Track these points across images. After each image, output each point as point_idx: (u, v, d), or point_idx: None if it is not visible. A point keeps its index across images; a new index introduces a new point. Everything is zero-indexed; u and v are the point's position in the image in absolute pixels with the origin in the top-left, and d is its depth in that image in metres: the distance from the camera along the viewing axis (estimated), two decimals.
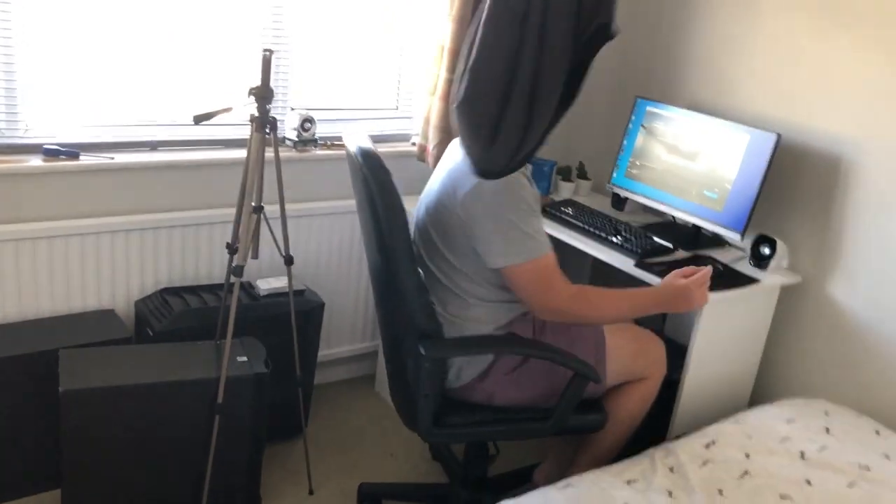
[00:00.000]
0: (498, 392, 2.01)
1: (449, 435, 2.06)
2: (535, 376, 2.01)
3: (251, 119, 2.06)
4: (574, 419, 2.03)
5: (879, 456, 2.05)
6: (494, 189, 1.82)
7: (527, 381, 2.01)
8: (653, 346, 2.22)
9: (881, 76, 2.29)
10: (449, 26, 2.61)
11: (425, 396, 1.92)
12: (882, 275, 2.35)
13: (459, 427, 2.01)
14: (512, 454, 2.58)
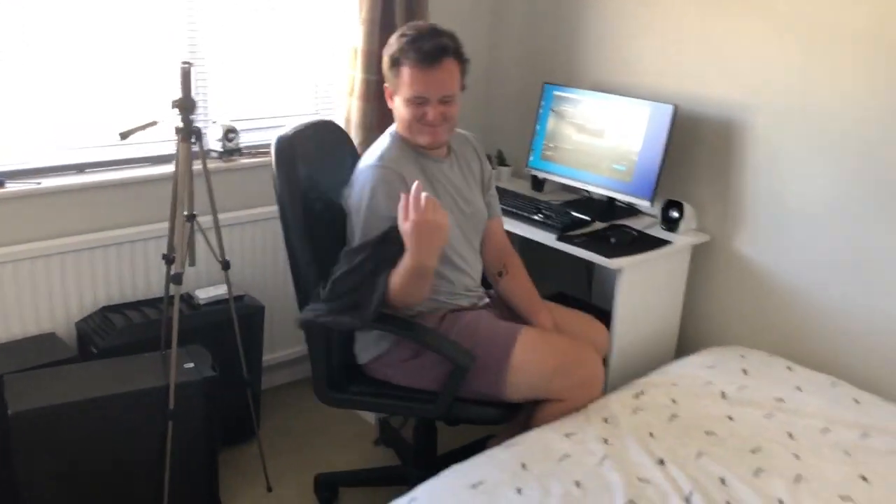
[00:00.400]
0: (392, 375, 2.14)
1: (342, 400, 2.19)
2: (428, 368, 2.08)
3: (176, 131, 2.12)
4: (473, 410, 2.08)
5: (792, 389, 2.24)
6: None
7: (419, 371, 2.10)
8: (583, 368, 2.10)
9: (763, 44, 2.49)
10: (360, 28, 2.72)
11: (314, 360, 2.14)
12: (778, 226, 2.56)
13: (355, 395, 2.17)
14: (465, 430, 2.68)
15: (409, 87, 2.01)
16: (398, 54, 2.02)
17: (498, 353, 2.03)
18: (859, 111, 2.31)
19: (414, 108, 2.03)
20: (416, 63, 1.99)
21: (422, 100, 2.02)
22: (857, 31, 2.28)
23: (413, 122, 2.05)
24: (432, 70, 2.00)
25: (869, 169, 2.32)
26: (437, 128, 2.06)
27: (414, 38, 2.00)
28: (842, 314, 2.46)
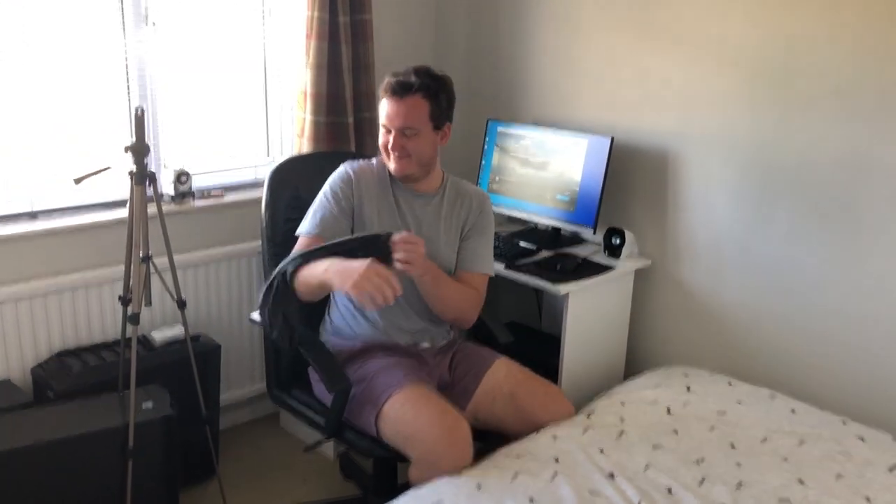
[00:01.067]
0: (314, 386, 2.31)
1: (280, 399, 2.42)
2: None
3: (130, 175, 2.17)
4: (363, 442, 2.12)
5: (733, 402, 2.34)
6: None
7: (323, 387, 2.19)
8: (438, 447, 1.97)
9: (690, 77, 2.65)
10: (308, 73, 2.81)
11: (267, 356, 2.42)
12: (713, 248, 2.69)
13: (291, 398, 2.37)
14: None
15: (381, 114, 2.21)
16: (384, 84, 2.21)
17: (374, 398, 2.07)
18: (779, 137, 2.47)
19: (384, 136, 2.21)
20: (386, 92, 2.18)
21: (386, 128, 2.19)
22: (773, 62, 2.44)
23: (382, 148, 2.22)
24: (396, 102, 2.16)
25: (791, 190, 2.47)
26: (401, 159, 2.18)
27: (396, 73, 2.19)
28: (777, 329, 2.58)
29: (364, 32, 2.90)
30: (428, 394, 2.06)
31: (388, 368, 2.14)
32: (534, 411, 2.20)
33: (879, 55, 2.23)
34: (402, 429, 2.02)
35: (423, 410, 2.00)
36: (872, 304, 2.36)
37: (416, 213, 2.27)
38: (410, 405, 2.02)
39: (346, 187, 2.22)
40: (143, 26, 2.64)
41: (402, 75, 2.17)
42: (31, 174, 2.53)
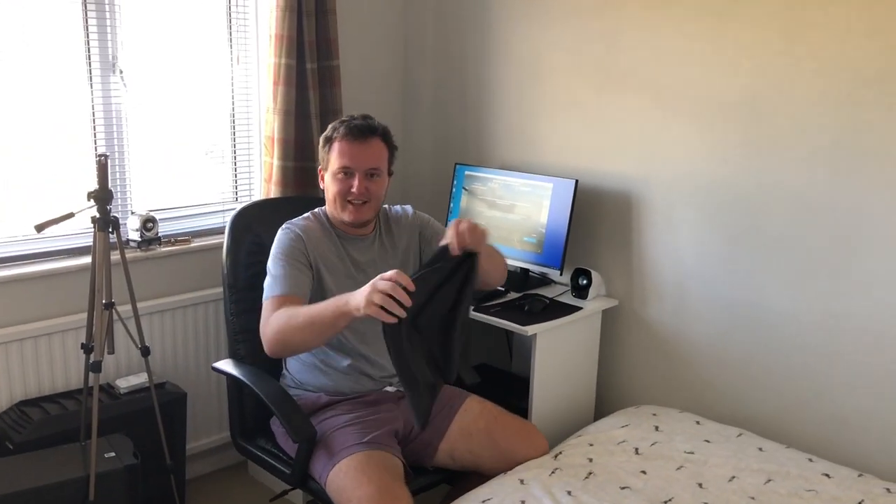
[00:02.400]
0: (278, 434, 2.29)
1: (244, 448, 2.37)
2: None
3: (93, 221, 2.17)
4: (317, 485, 2.09)
5: (701, 441, 2.35)
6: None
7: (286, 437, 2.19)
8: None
9: (651, 120, 2.70)
10: (275, 119, 2.83)
11: (230, 405, 2.41)
12: (679, 288, 2.72)
13: (255, 448, 2.32)
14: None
15: (337, 159, 2.18)
16: (331, 133, 2.22)
17: (328, 456, 2.06)
18: (739, 175, 2.52)
19: (340, 182, 2.18)
20: (346, 136, 2.18)
21: (348, 171, 2.17)
22: (733, 104, 2.50)
23: (338, 197, 2.19)
24: (360, 144, 2.18)
25: (753, 230, 2.51)
26: (361, 205, 2.19)
27: (347, 120, 2.22)
28: (743, 367, 2.60)
29: (332, 78, 2.94)
30: (376, 464, 2.00)
31: (348, 427, 2.12)
32: (510, 447, 2.21)
33: (835, 98, 2.30)
34: (343, 496, 1.97)
35: (364, 483, 1.94)
36: (836, 340, 2.39)
37: (366, 257, 2.28)
38: (354, 475, 1.97)
39: (299, 245, 2.17)
40: (110, 73, 2.65)
41: (359, 119, 2.20)
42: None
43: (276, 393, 2.18)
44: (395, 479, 2.00)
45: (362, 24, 3.26)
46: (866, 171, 2.27)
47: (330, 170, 2.21)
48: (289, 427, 2.07)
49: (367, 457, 2.02)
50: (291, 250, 2.16)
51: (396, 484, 1.98)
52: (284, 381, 2.35)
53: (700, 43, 2.55)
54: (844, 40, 2.25)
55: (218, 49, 2.95)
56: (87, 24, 2.58)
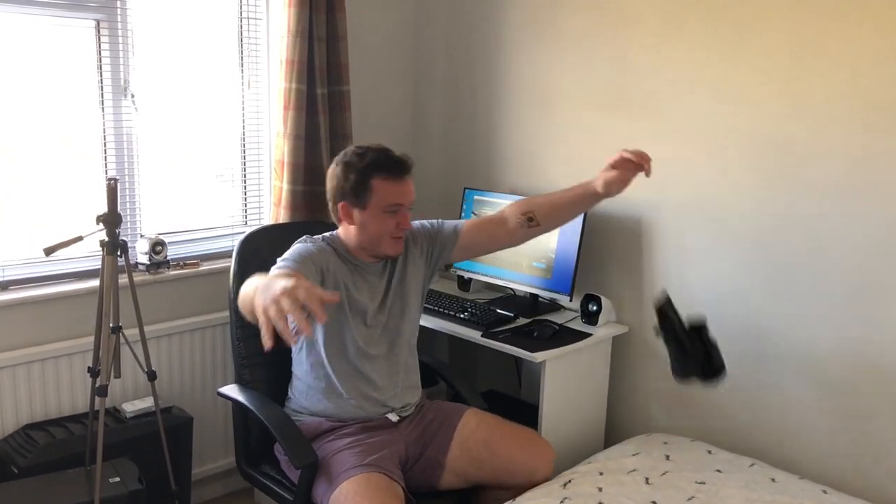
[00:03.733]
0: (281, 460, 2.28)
1: (249, 475, 2.37)
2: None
3: (101, 244, 2.17)
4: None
5: (712, 471, 2.31)
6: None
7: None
8: None
9: (661, 145, 2.68)
10: (285, 143, 2.84)
11: (236, 431, 2.40)
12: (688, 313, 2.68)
13: (260, 475, 2.31)
14: None
15: (384, 197, 2.16)
16: (364, 169, 2.15)
17: (330, 479, 2.05)
18: (749, 202, 2.50)
19: (387, 220, 2.17)
20: (389, 174, 2.16)
21: (396, 208, 2.17)
22: (743, 131, 2.49)
23: (384, 234, 2.18)
24: (403, 180, 2.19)
25: (764, 257, 2.49)
26: (401, 237, 2.22)
27: (378, 153, 2.19)
28: (756, 396, 2.57)
29: (342, 104, 2.94)
30: (375, 487, 1.99)
31: (347, 450, 2.11)
32: (511, 454, 2.21)
33: (846, 126, 2.28)
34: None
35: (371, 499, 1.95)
36: (850, 370, 2.36)
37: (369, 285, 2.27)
38: (353, 499, 1.97)
39: (310, 252, 2.14)
40: (122, 98, 2.67)
41: (390, 153, 2.20)
42: (2, 244, 2.52)
43: (280, 419, 2.17)
44: (393, 500, 1.98)
45: (373, 49, 3.28)
46: (879, 200, 2.24)
47: (373, 208, 2.16)
48: (291, 453, 2.06)
49: (366, 479, 2.01)
50: (301, 254, 2.12)
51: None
52: (289, 404, 2.33)
53: (710, 69, 2.55)
54: (856, 67, 2.24)
55: (229, 74, 2.96)
56: (99, 48, 2.60)
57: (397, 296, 2.30)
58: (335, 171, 2.21)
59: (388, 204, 2.16)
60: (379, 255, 2.25)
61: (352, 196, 2.17)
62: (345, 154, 2.22)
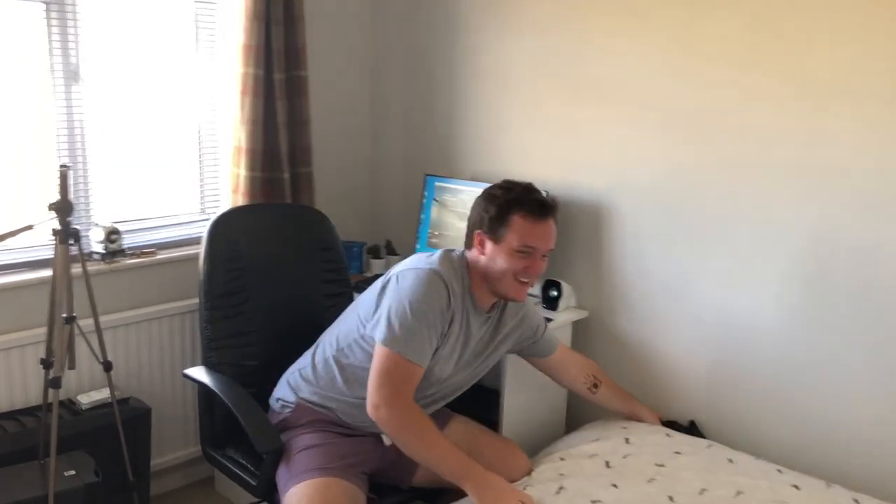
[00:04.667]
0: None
1: (212, 458, 2.34)
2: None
3: (54, 233, 2.12)
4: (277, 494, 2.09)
5: (671, 454, 2.34)
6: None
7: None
8: None
9: (619, 132, 2.71)
10: (242, 129, 2.80)
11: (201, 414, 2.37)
12: (647, 298, 2.72)
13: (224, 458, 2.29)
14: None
15: (519, 237, 2.06)
16: (508, 205, 2.08)
17: (289, 474, 2.03)
18: (706, 187, 2.53)
19: (517, 260, 2.07)
20: (530, 214, 2.07)
21: (529, 251, 2.07)
22: (699, 116, 2.51)
23: (510, 274, 2.08)
24: (544, 223, 2.09)
25: (719, 242, 2.52)
26: (527, 284, 2.12)
27: (525, 191, 2.11)
28: (711, 379, 2.61)
29: (300, 88, 2.91)
30: (330, 497, 1.96)
31: (314, 448, 2.07)
32: (491, 466, 2.16)
33: (798, 110, 2.31)
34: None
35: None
36: (802, 350, 2.40)
37: (478, 333, 2.21)
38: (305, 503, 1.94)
39: (443, 303, 2.04)
40: (73, 83, 2.60)
41: (536, 193, 2.12)
42: None
43: (244, 401, 2.14)
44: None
45: (331, 33, 3.24)
46: (831, 184, 2.28)
47: (507, 245, 2.07)
48: (254, 438, 2.04)
49: (324, 485, 1.97)
50: (435, 310, 2.03)
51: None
52: (300, 387, 2.22)
53: (667, 56, 2.56)
54: (808, 52, 2.27)
55: (184, 58, 2.91)
56: (49, 33, 2.53)
57: (490, 345, 2.26)
58: (479, 200, 2.17)
59: (524, 244, 2.06)
60: (499, 294, 2.15)
61: (489, 228, 2.10)
62: (493, 186, 2.17)
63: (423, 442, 1.97)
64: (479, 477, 1.96)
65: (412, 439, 1.98)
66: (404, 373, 1.99)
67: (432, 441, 1.98)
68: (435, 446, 1.98)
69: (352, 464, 2.08)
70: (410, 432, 1.98)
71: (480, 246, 2.14)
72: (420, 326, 2.01)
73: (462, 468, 1.96)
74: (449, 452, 1.97)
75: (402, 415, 1.97)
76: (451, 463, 1.96)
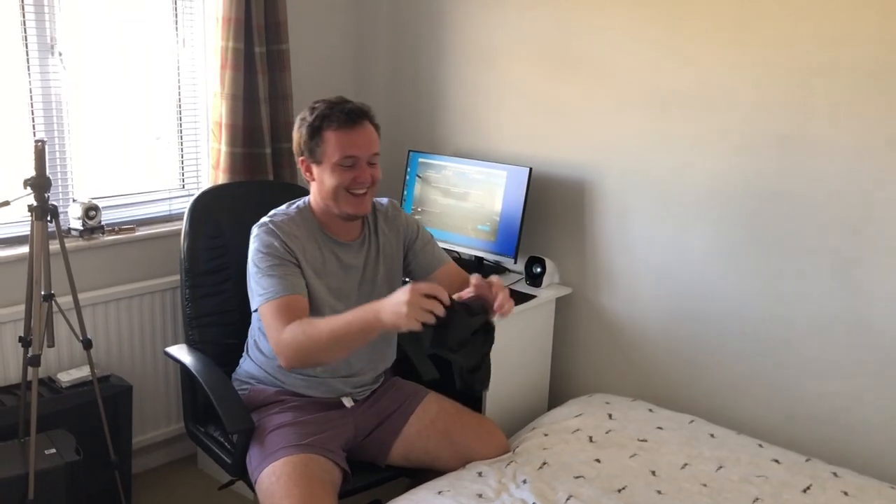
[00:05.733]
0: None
1: (194, 434, 2.34)
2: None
3: (30, 209, 2.08)
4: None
5: (653, 429, 2.36)
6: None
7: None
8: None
9: (605, 109, 2.69)
10: (223, 104, 2.76)
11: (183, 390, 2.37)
12: (630, 275, 2.73)
13: (205, 435, 2.29)
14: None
15: (337, 149, 2.01)
16: (317, 122, 2.03)
17: (262, 455, 2.00)
18: (691, 164, 2.53)
19: (343, 173, 2.02)
20: (342, 125, 2.01)
21: (352, 160, 2.02)
22: (684, 93, 2.51)
23: (340, 189, 2.03)
24: (358, 129, 2.03)
25: (703, 219, 2.53)
26: (363, 195, 2.06)
27: (331, 105, 2.04)
28: (694, 355, 2.62)
29: (281, 63, 2.87)
30: (308, 473, 1.92)
31: (288, 427, 2.05)
32: (468, 445, 2.18)
33: (784, 88, 2.31)
34: (270, 501, 1.91)
35: (294, 491, 1.87)
36: (783, 328, 2.42)
37: (354, 262, 2.16)
38: (284, 481, 1.90)
39: (280, 245, 2.01)
40: (49, 56, 2.54)
41: (345, 104, 2.05)
42: None
43: (218, 382, 2.13)
44: (325, 490, 1.92)
45: (313, 6, 3.19)
46: (813, 160, 2.29)
47: (328, 162, 2.02)
48: (225, 418, 2.02)
49: (301, 462, 1.94)
50: (275, 249, 2.01)
51: (326, 497, 1.91)
52: (245, 365, 2.24)
53: (652, 31, 2.55)
54: (795, 31, 2.27)
55: (163, 31, 2.85)
56: (23, 3, 2.47)
57: (379, 267, 2.20)
58: (295, 128, 2.11)
59: (344, 155, 2.01)
60: (342, 215, 2.09)
61: (308, 151, 2.06)
62: (304, 110, 2.12)
63: (317, 338, 1.85)
64: (381, 304, 1.78)
65: (308, 346, 1.86)
66: (277, 311, 1.93)
67: (321, 329, 1.85)
68: (328, 331, 1.84)
69: (325, 439, 2.05)
70: (302, 346, 1.87)
71: (308, 172, 2.10)
72: (268, 270, 1.98)
73: (365, 314, 1.79)
74: (344, 321, 1.83)
75: (289, 342, 1.88)
76: (354, 323, 1.81)
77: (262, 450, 2.01)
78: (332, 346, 1.85)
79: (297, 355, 1.89)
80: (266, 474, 1.94)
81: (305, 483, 1.90)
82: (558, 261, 2.87)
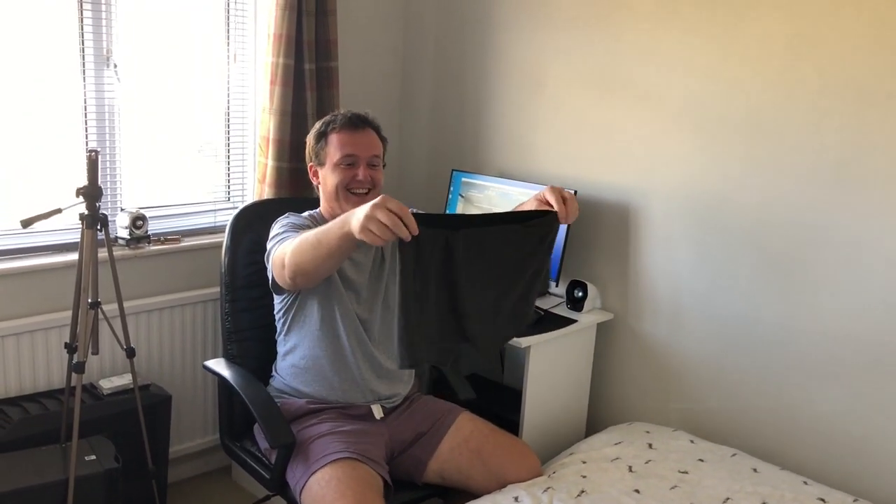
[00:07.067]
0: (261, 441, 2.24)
1: (230, 449, 2.35)
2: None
3: (81, 217, 2.11)
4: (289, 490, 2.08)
5: (694, 461, 2.31)
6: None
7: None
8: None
9: (654, 133, 2.67)
10: (271, 119, 2.78)
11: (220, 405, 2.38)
12: (674, 303, 2.68)
13: (241, 450, 2.30)
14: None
15: (338, 149, 2.16)
16: (324, 127, 2.21)
17: (306, 465, 2.00)
18: (739, 191, 2.49)
19: (343, 172, 2.15)
20: (343, 127, 2.17)
21: (351, 159, 2.15)
22: (734, 119, 2.47)
23: (341, 188, 2.15)
24: (360, 132, 2.18)
25: (751, 246, 2.48)
26: (364, 195, 2.13)
27: (340, 115, 2.22)
28: (738, 386, 2.57)
29: (330, 80, 2.89)
30: (358, 476, 1.94)
31: (329, 435, 2.06)
32: (501, 466, 2.16)
33: (839, 117, 2.27)
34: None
35: (348, 496, 1.88)
36: (833, 361, 2.36)
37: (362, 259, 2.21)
38: (336, 485, 1.91)
39: (297, 221, 2.13)
40: (104, 67, 2.60)
41: (350, 113, 2.22)
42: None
43: (259, 396, 2.14)
44: (376, 495, 1.93)
45: (362, 26, 3.22)
46: (868, 192, 2.24)
47: (330, 162, 2.18)
48: (267, 432, 2.02)
49: (350, 467, 1.96)
50: (291, 225, 2.09)
51: (378, 501, 1.91)
52: (272, 383, 2.29)
53: (704, 56, 2.52)
54: (850, 58, 2.23)
55: (215, 46, 2.90)
56: (81, 17, 2.52)
57: (385, 265, 2.24)
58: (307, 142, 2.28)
59: (343, 154, 2.15)
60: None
61: (315, 156, 2.22)
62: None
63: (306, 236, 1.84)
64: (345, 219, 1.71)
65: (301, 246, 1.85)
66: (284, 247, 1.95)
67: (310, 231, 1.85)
68: (314, 231, 1.83)
69: (368, 449, 2.06)
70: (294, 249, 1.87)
71: (315, 177, 2.24)
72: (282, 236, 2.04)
73: (343, 216, 1.72)
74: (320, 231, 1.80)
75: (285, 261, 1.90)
76: (333, 225, 1.75)
77: (306, 460, 2.01)
78: (316, 250, 1.80)
79: (291, 261, 1.88)
80: (315, 480, 1.94)
81: (357, 485, 1.91)
82: (600, 285, 2.84)
